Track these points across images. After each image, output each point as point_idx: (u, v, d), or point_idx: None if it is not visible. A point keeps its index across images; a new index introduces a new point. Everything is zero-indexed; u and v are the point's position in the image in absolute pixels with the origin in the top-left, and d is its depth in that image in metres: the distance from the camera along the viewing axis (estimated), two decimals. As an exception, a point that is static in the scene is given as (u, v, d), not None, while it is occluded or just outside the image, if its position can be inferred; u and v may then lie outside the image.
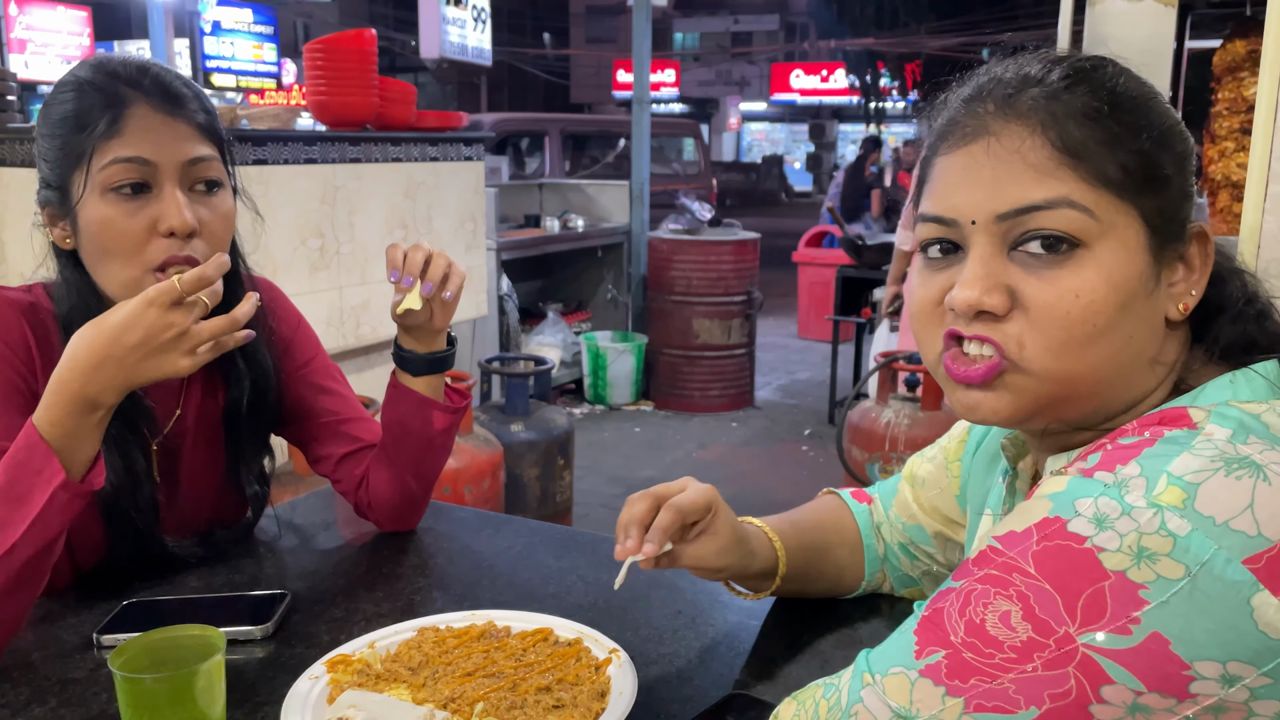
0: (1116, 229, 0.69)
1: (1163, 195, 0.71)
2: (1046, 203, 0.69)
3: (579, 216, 6.14)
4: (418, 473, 1.33)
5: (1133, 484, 0.62)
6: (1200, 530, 0.59)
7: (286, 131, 3.19)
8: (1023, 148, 0.70)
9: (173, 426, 1.27)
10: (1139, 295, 0.70)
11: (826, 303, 6.31)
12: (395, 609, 1.16)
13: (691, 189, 8.83)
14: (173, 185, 1.11)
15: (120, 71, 1.13)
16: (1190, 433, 0.64)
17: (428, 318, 1.25)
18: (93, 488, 1.01)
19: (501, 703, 0.92)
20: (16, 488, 0.98)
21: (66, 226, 1.14)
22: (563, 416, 3.76)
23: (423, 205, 3.67)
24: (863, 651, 0.72)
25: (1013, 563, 0.64)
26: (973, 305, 0.71)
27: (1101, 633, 0.59)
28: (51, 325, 1.16)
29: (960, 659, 0.64)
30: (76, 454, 0.99)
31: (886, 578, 1.16)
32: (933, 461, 1.09)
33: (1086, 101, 0.70)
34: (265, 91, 11.86)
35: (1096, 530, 0.61)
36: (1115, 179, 0.69)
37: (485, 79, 20.14)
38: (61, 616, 1.13)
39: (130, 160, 1.09)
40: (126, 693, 0.82)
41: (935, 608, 0.68)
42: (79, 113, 1.11)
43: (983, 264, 0.71)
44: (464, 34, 7.62)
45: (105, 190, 1.10)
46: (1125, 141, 0.70)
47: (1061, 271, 0.69)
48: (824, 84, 26.99)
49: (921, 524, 1.10)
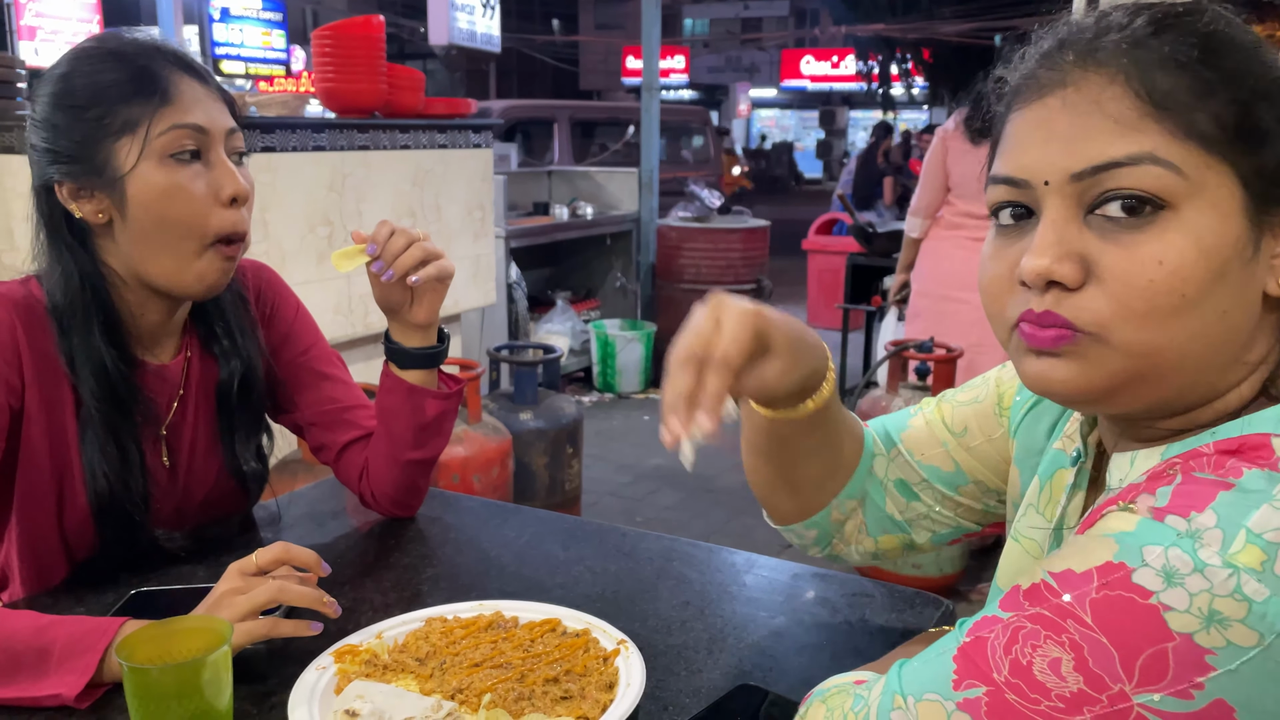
0: (1208, 189, 0.63)
1: (1262, 153, 0.63)
2: (1128, 158, 0.63)
3: (588, 204, 6.12)
4: (414, 459, 1.33)
5: (1207, 536, 0.56)
6: (1279, 597, 0.54)
7: (295, 119, 3.18)
8: (1102, 98, 0.64)
9: (175, 412, 1.27)
10: (1234, 264, 0.63)
11: (836, 291, 6.28)
12: (403, 599, 1.16)
13: (700, 176, 8.79)
14: (221, 153, 1.14)
15: (148, 44, 1.14)
16: (1271, 476, 0.58)
17: (404, 304, 1.25)
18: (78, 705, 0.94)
19: (509, 693, 0.92)
20: (53, 660, 0.94)
21: (103, 199, 1.12)
22: (571, 405, 3.76)
23: (431, 193, 3.66)
24: (895, 666, 0.69)
25: (1069, 608, 0.59)
26: (1041, 274, 0.64)
27: (1159, 694, 0.56)
28: (45, 320, 1.14)
29: (1002, 700, 0.60)
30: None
31: (856, 514, 1.03)
32: (973, 406, 0.99)
33: (1176, 47, 0.64)
34: (274, 78, 11.86)
35: (1165, 586, 0.56)
36: (1207, 132, 0.62)
37: (494, 66, 20.08)
38: (68, 607, 1.13)
39: (188, 126, 1.11)
40: (133, 683, 0.82)
41: (978, 636, 0.63)
42: (122, 81, 1.10)
43: (1054, 229, 0.65)
44: (472, 20, 7.58)
45: (164, 157, 1.10)
46: (1219, 91, 0.63)
47: (1143, 236, 0.63)
48: (834, 70, 26.86)
49: (952, 468, 0.99)
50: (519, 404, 3.59)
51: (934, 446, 0.99)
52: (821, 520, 1.02)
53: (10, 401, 1.12)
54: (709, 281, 5.73)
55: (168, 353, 1.26)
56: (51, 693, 0.92)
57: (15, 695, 0.93)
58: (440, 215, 3.72)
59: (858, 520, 1.03)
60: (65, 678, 0.92)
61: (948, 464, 0.99)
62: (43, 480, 1.17)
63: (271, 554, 1.02)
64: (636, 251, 6.18)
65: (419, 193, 3.62)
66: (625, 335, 5.84)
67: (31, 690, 0.93)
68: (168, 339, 1.26)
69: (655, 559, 1.26)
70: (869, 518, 1.03)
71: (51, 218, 1.15)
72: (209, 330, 1.29)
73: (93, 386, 1.15)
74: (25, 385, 1.13)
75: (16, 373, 1.12)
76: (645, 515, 4.12)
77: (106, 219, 1.13)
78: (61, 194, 1.13)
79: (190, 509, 1.31)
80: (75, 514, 1.19)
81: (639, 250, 6.16)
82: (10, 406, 1.12)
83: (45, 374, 1.14)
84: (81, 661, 0.93)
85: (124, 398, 1.15)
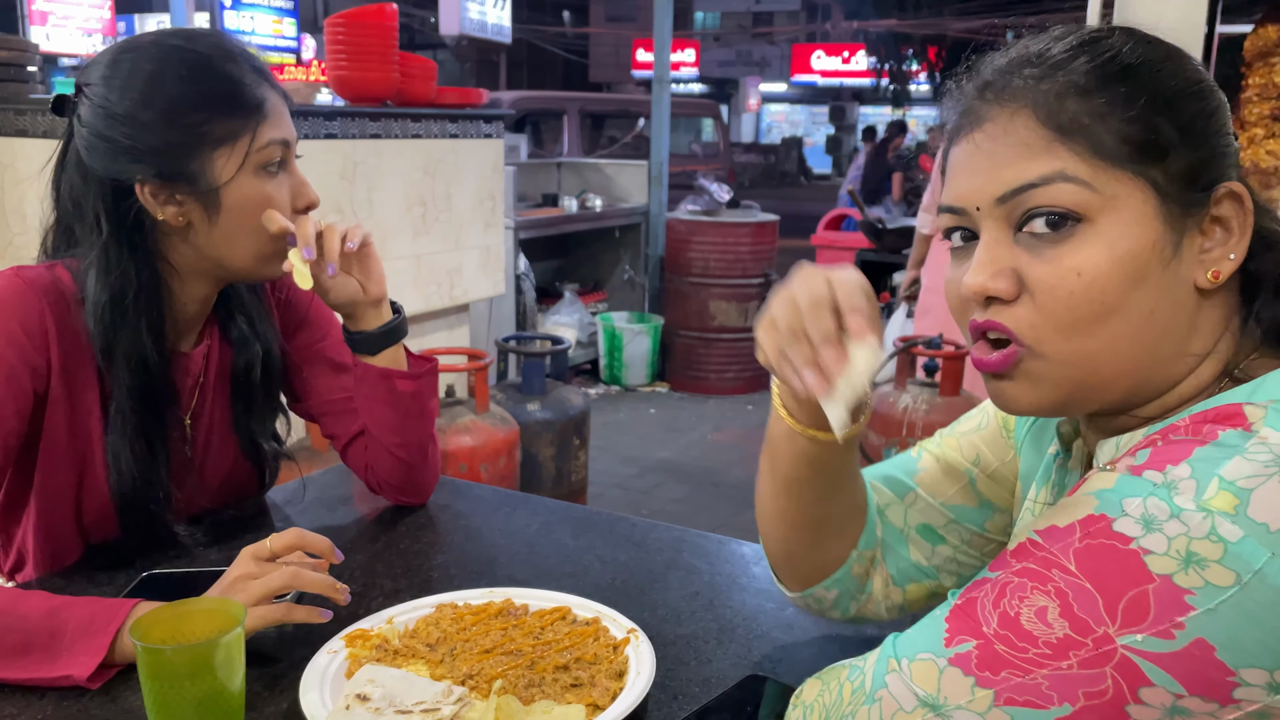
0: (1119, 200, 0.68)
1: (1168, 161, 0.69)
2: (1041, 179, 0.69)
3: (597, 196, 6.12)
4: (402, 442, 1.33)
5: (1183, 486, 0.60)
6: (1253, 537, 0.57)
7: (306, 106, 3.19)
8: (1016, 129, 0.70)
9: (195, 403, 1.27)
10: (1154, 267, 0.68)
11: (844, 286, 6.26)
12: (413, 585, 1.16)
13: (710, 170, 8.78)
14: (294, 161, 1.20)
15: (238, 51, 1.17)
16: (1244, 434, 0.62)
17: (358, 292, 1.27)
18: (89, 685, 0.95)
19: (519, 680, 0.92)
20: (63, 641, 0.94)
21: (191, 204, 1.13)
22: (579, 396, 3.76)
23: (442, 182, 3.66)
24: (890, 635, 0.71)
25: (1053, 558, 0.63)
26: (978, 291, 0.71)
27: (1142, 635, 0.58)
28: (75, 308, 1.14)
29: (992, 650, 0.63)
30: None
31: (880, 567, 0.99)
32: (979, 434, 0.99)
33: (1079, 75, 0.70)
34: (285, 67, 11.85)
35: (1144, 531, 0.60)
36: (1112, 149, 0.68)
37: (504, 57, 20.06)
38: (81, 588, 1.14)
39: (279, 143, 1.16)
40: (147, 664, 0.82)
41: (969, 597, 0.67)
42: (225, 94, 1.12)
43: (989, 249, 0.71)
44: (484, 10, 7.58)
45: (259, 169, 1.15)
46: (1121, 110, 0.69)
47: (1064, 249, 0.68)
48: (845, 65, 26.77)
49: (978, 501, 0.97)
50: (526, 395, 3.59)
51: (955, 483, 0.98)
52: (843, 576, 0.97)
53: (36, 386, 1.12)
54: (717, 275, 5.72)
55: (190, 341, 1.27)
56: (63, 674, 0.93)
57: (27, 676, 0.93)
58: (451, 205, 3.72)
59: (884, 574, 0.99)
60: (78, 659, 0.93)
61: (971, 499, 0.98)
62: (64, 466, 1.17)
63: (286, 540, 1.02)
64: (645, 244, 6.18)
65: (430, 182, 3.62)
66: (632, 328, 5.83)
67: (43, 671, 0.93)
68: (194, 328, 1.27)
69: (665, 549, 1.26)
70: (894, 569, 0.99)
71: (118, 212, 1.13)
72: (229, 316, 1.30)
73: (129, 381, 1.15)
74: (51, 371, 1.13)
75: (44, 358, 1.12)
76: (651, 508, 4.12)
77: (186, 221, 1.14)
78: (143, 194, 1.12)
79: (205, 493, 1.31)
80: (95, 501, 1.20)
81: (647, 243, 6.16)
82: (35, 391, 1.12)
83: (72, 360, 1.15)
84: (94, 643, 0.93)
85: (158, 392, 1.16)
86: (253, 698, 0.90)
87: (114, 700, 0.92)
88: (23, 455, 1.15)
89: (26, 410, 1.12)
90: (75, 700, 0.92)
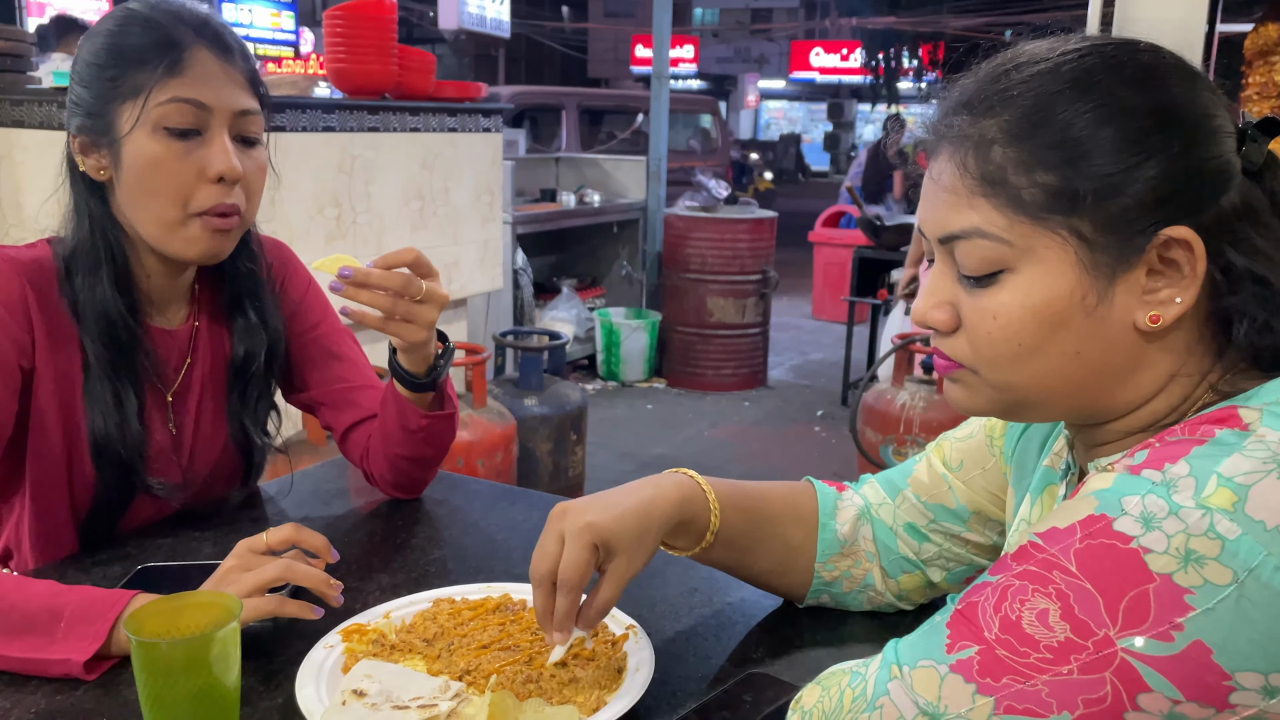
0: (1037, 251, 0.69)
1: (1090, 211, 0.68)
2: (961, 232, 0.72)
3: (595, 192, 6.11)
4: (407, 455, 1.33)
5: (1181, 484, 0.60)
6: (1250, 535, 0.57)
7: (304, 99, 3.17)
8: (948, 171, 0.73)
9: (182, 378, 1.27)
10: (1074, 313, 0.69)
11: (842, 283, 6.27)
12: (410, 580, 1.15)
13: (708, 166, 8.78)
14: (222, 132, 1.13)
15: (183, 14, 1.14)
16: (1241, 434, 0.62)
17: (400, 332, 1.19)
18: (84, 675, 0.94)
19: (517, 676, 0.91)
20: (61, 625, 0.94)
21: (104, 157, 1.14)
22: (576, 392, 3.75)
23: (440, 176, 3.65)
24: (892, 641, 0.71)
25: (1053, 560, 0.62)
26: (919, 321, 0.76)
27: (1141, 638, 0.58)
28: (53, 283, 1.15)
29: (993, 656, 0.63)
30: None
31: (876, 561, 1.06)
32: (967, 442, 1.04)
33: (1000, 127, 0.70)
34: (282, 60, 11.81)
35: (1143, 530, 0.60)
36: (1032, 201, 0.69)
37: (503, 52, 20.02)
38: (74, 579, 1.13)
39: (188, 101, 1.11)
40: (141, 657, 0.81)
41: (970, 601, 0.66)
42: (140, 46, 1.11)
43: (934, 279, 0.76)
44: (482, 5, 7.55)
45: (157, 127, 1.11)
46: (1040, 163, 0.68)
47: (986, 292, 0.72)
48: (844, 63, 26.74)
49: (955, 504, 1.03)
50: (524, 390, 3.59)
51: (937, 486, 1.05)
52: (820, 587, 1.06)
53: (21, 362, 1.13)
54: (715, 272, 5.72)
55: (176, 319, 1.27)
56: (61, 656, 0.92)
57: (26, 655, 0.93)
58: (448, 199, 3.71)
59: (879, 568, 1.07)
60: (76, 643, 0.92)
61: (950, 500, 1.04)
62: (53, 443, 1.17)
63: (282, 534, 1.02)
64: (643, 240, 6.17)
65: (428, 175, 3.61)
66: (630, 324, 5.83)
67: (41, 652, 0.93)
68: (176, 305, 1.27)
69: (663, 545, 1.26)
70: (886, 562, 1.07)
71: (72, 166, 1.18)
72: (233, 300, 1.29)
73: (95, 333, 1.15)
74: (36, 345, 1.14)
75: (27, 332, 1.13)
76: (647, 504, 4.12)
77: (107, 176, 1.15)
78: (74, 146, 1.16)
79: (195, 480, 1.31)
80: (83, 475, 1.19)
81: (645, 239, 6.15)
82: (21, 367, 1.13)
83: (55, 335, 1.15)
84: (93, 628, 0.93)
85: (125, 344, 1.16)
86: (248, 692, 0.90)
87: (108, 694, 0.92)
88: (14, 438, 1.15)
89: (15, 386, 1.12)
90: (69, 693, 0.91)
